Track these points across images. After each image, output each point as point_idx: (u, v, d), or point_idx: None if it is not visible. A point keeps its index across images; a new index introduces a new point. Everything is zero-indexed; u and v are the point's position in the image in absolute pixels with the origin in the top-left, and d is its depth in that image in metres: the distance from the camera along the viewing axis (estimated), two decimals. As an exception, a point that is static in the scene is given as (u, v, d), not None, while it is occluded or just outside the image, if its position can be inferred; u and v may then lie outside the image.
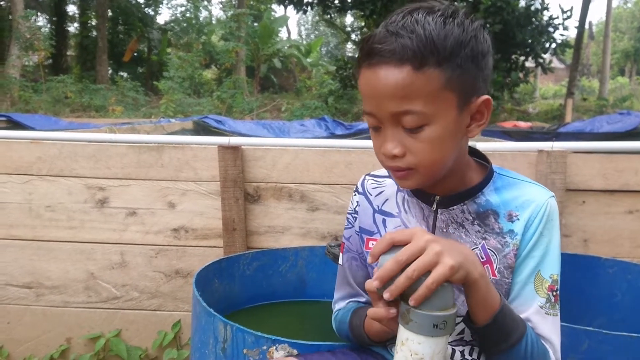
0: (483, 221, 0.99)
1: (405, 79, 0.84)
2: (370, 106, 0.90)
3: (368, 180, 1.15)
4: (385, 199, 1.10)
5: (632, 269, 1.86)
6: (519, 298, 0.97)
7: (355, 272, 1.18)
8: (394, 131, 0.89)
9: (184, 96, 13.22)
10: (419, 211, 1.04)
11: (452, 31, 0.85)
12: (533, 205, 0.97)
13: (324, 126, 5.38)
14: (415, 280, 0.77)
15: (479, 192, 1.00)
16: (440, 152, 0.90)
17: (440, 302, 0.78)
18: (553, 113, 15.01)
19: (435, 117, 0.87)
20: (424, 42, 0.84)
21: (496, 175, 1.02)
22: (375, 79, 0.87)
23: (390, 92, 0.85)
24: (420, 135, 0.88)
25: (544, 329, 0.95)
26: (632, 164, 2.04)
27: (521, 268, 0.97)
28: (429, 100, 0.86)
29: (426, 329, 0.77)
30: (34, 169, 2.13)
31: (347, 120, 10.91)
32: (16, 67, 13.86)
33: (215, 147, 2.09)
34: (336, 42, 36.18)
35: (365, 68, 0.89)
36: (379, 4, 11.72)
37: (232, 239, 2.10)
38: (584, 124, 5.79)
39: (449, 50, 0.85)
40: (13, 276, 2.19)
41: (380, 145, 0.92)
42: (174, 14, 28.01)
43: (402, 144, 0.89)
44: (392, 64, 0.85)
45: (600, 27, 33.72)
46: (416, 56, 0.84)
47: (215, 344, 1.30)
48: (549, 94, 25.94)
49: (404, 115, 0.87)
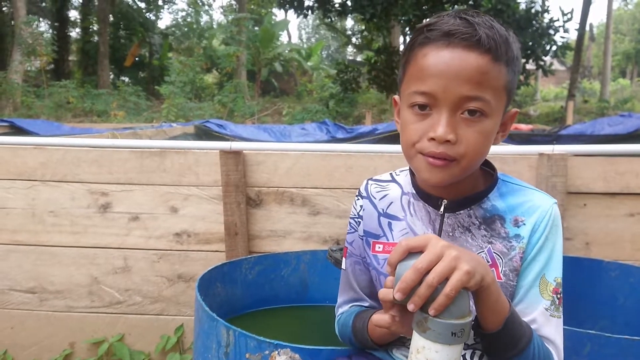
0: (489, 226, 1.00)
1: (486, 66, 0.87)
2: (435, 85, 0.87)
3: (371, 184, 1.15)
4: (390, 202, 1.10)
5: (634, 272, 1.86)
6: (525, 301, 0.98)
7: (358, 277, 1.18)
8: (451, 117, 0.88)
9: (185, 100, 13.26)
10: (425, 214, 1.04)
11: (515, 41, 0.92)
12: (539, 211, 0.99)
13: (325, 130, 5.38)
14: (435, 288, 0.77)
15: (485, 198, 1.01)
16: (485, 147, 0.92)
17: (458, 310, 0.77)
18: (554, 115, 15.02)
19: (494, 111, 0.90)
20: (503, 39, 0.88)
21: (500, 181, 1.04)
22: (452, 59, 0.87)
23: (469, 75, 0.86)
24: (477, 125, 0.89)
25: (549, 331, 0.96)
26: (633, 167, 2.04)
27: (527, 272, 0.98)
28: (495, 93, 0.89)
29: (444, 337, 0.76)
30: (38, 174, 2.14)
31: (348, 124, 10.94)
32: (18, 72, 13.93)
33: (217, 152, 2.09)
34: (337, 46, 36.28)
35: (439, 47, 0.88)
36: (379, 8, 11.72)
37: (234, 243, 2.11)
38: (585, 126, 5.77)
39: (514, 55, 0.91)
40: (17, 281, 2.20)
41: (426, 128, 0.90)
42: (175, 18, 28.05)
43: (455, 131, 0.88)
44: (475, 49, 0.86)
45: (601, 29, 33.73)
46: (497, 49, 0.87)
47: (218, 348, 1.30)
48: (550, 96, 25.93)
49: (472, 100, 0.87)
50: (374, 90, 16.67)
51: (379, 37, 17.63)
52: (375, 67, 15.04)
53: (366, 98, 17.52)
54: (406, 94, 0.94)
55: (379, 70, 15.02)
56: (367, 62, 15.70)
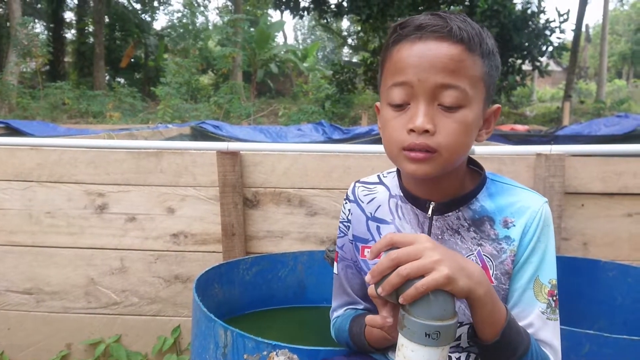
0: (478, 227, 0.98)
1: (460, 55, 0.87)
2: (410, 76, 0.88)
3: (358, 187, 1.13)
4: (378, 206, 1.08)
5: (631, 272, 1.87)
6: (520, 304, 0.96)
7: (351, 280, 1.17)
8: (428, 107, 0.88)
9: (181, 102, 13.24)
10: (414, 217, 1.03)
11: (490, 37, 0.92)
12: (529, 212, 0.97)
13: (321, 131, 5.38)
14: (406, 280, 0.77)
15: (473, 198, 0.99)
16: (466, 138, 0.90)
17: (436, 312, 0.76)
18: (550, 116, 15.06)
19: (472, 102, 0.89)
20: (475, 31, 0.89)
21: (489, 181, 1.02)
22: (426, 50, 0.87)
23: (443, 63, 0.86)
24: (455, 115, 0.88)
25: (546, 334, 0.95)
26: (630, 167, 2.04)
27: (519, 274, 0.96)
28: (472, 83, 0.88)
29: (418, 337, 0.76)
30: (34, 175, 2.14)
31: (344, 125, 10.95)
32: (14, 73, 13.88)
33: (214, 152, 2.09)
34: (332, 47, 36.26)
35: (412, 41, 0.89)
36: (375, 9, 11.74)
37: (231, 244, 2.11)
38: (582, 126, 5.80)
39: (490, 49, 0.92)
40: (13, 282, 2.19)
41: (404, 122, 0.90)
42: (170, 19, 28.02)
43: (433, 121, 0.88)
44: (447, 39, 0.87)
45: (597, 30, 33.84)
46: (470, 40, 0.88)
47: (215, 349, 1.30)
48: (546, 96, 26.00)
49: (448, 89, 0.87)
50: (370, 91, 16.69)
51: (375, 38, 17.64)
52: (371, 68, 15.06)
53: (362, 99, 17.53)
54: (384, 91, 0.94)
55: (375, 71, 15.02)
56: (363, 63, 15.72)
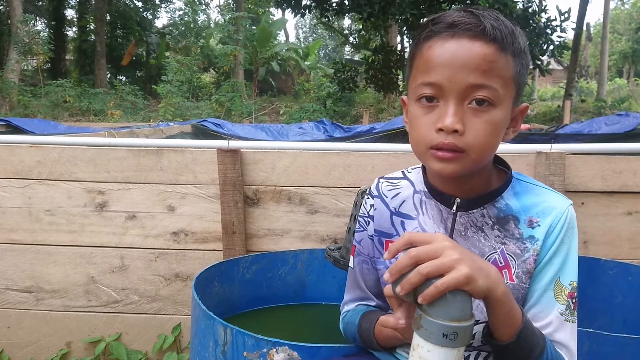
0: (503, 226, 0.98)
1: (493, 55, 0.86)
2: (441, 76, 0.87)
3: (383, 182, 1.13)
4: (402, 201, 1.08)
5: (632, 270, 1.86)
6: (539, 305, 0.95)
7: (366, 276, 1.17)
8: (458, 107, 0.87)
9: (182, 100, 13.26)
10: (437, 213, 1.02)
11: (522, 35, 0.91)
12: (554, 213, 0.96)
13: (323, 129, 5.38)
14: (426, 278, 0.76)
15: (498, 196, 0.99)
16: (494, 139, 0.90)
17: (454, 312, 0.75)
18: (551, 114, 15.04)
19: (502, 102, 0.89)
20: (509, 30, 0.88)
21: (514, 180, 1.02)
22: (459, 49, 0.86)
23: (476, 63, 0.85)
24: (485, 115, 0.87)
25: (563, 336, 0.94)
26: (630, 165, 2.04)
27: (541, 275, 0.96)
28: (503, 83, 0.88)
29: (436, 337, 0.75)
30: (34, 173, 2.13)
31: (346, 123, 10.93)
32: (15, 71, 13.90)
33: (214, 150, 2.09)
34: (334, 45, 36.26)
35: (444, 38, 0.88)
36: (376, 7, 11.72)
37: (231, 242, 2.10)
38: (583, 125, 5.78)
39: (522, 48, 0.90)
40: (13, 280, 2.19)
41: (433, 120, 0.89)
42: (172, 17, 28.06)
43: (463, 121, 0.87)
44: (480, 39, 0.86)
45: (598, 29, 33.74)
46: (503, 39, 0.87)
47: (215, 347, 1.30)
48: (547, 95, 25.98)
49: (480, 89, 0.86)
50: (372, 90, 16.68)
51: (377, 36, 17.63)
52: (373, 67, 15.05)
53: (363, 97, 17.53)
54: (413, 88, 0.93)
55: (376, 70, 15.04)
56: (364, 62, 15.72)
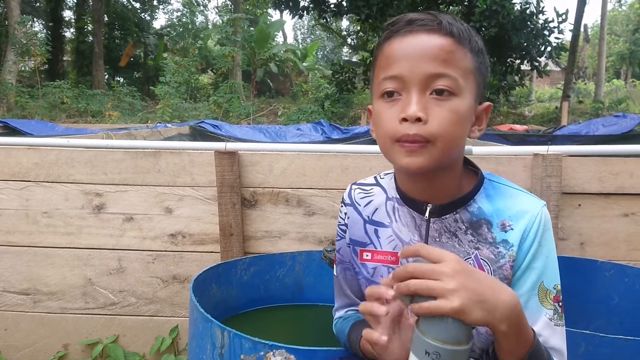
0: (476, 230, 0.97)
1: (450, 46, 0.89)
2: (402, 68, 0.89)
3: (355, 189, 1.13)
4: (375, 209, 1.08)
5: (628, 272, 1.87)
6: (525, 312, 0.92)
7: (350, 282, 1.17)
8: (420, 96, 0.88)
9: (180, 101, 13.24)
10: (411, 220, 1.02)
11: (478, 37, 0.95)
12: (528, 216, 0.95)
13: (321, 130, 5.39)
14: (413, 294, 0.76)
15: (470, 200, 0.98)
16: (459, 129, 0.89)
17: (443, 334, 0.74)
18: (549, 116, 15.05)
19: (463, 92, 0.89)
20: (464, 27, 0.92)
21: (487, 181, 1.01)
22: (416, 42, 0.89)
23: (435, 53, 0.88)
24: (447, 104, 0.88)
25: (555, 341, 0.94)
26: (627, 167, 2.04)
27: (522, 280, 0.95)
28: (463, 73, 0.89)
29: (419, 353, 0.75)
30: (31, 175, 2.13)
31: (344, 124, 10.94)
32: (12, 72, 13.86)
33: (211, 152, 2.09)
34: (332, 46, 36.27)
35: (403, 35, 0.91)
36: (374, 8, 11.71)
37: (229, 244, 2.10)
38: (580, 126, 5.80)
39: (479, 47, 0.93)
40: (10, 282, 2.19)
41: (397, 112, 0.89)
42: (170, 18, 28.01)
43: (426, 110, 0.87)
44: (437, 32, 0.89)
45: (596, 30, 33.84)
46: (460, 34, 0.90)
47: (212, 349, 1.30)
48: (545, 96, 25.98)
49: (440, 78, 0.87)
50: (370, 91, 16.66)
51: (374, 37, 17.62)
52: (371, 68, 15.02)
53: (362, 99, 17.52)
54: (376, 86, 0.95)
55: (375, 71, 14.98)
56: (362, 63, 15.70)
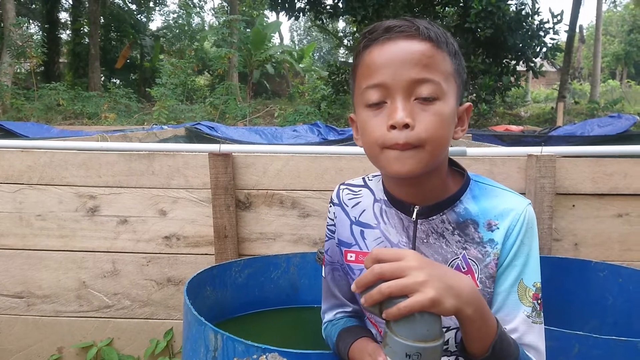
0: (463, 231, 0.98)
1: (430, 50, 0.89)
2: (384, 75, 0.89)
3: (343, 190, 1.13)
4: (363, 210, 1.08)
5: (622, 273, 1.87)
6: (504, 308, 0.95)
7: (338, 283, 1.18)
8: (405, 102, 0.88)
9: (176, 103, 13.23)
10: (398, 222, 1.02)
11: (454, 40, 0.95)
12: (512, 214, 0.96)
13: (317, 132, 5.39)
14: (387, 297, 0.74)
15: (457, 201, 0.99)
16: (445, 131, 0.90)
17: (419, 332, 0.73)
18: (545, 116, 15.10)
19: (446, 95, 0.90)
20: (441, 31, 0.92)
21: (472, 182, 1.02)
22: (396, 49, 0.89)
23: (416, 58, 0.88)
24: (432, 108, 0.88)
25: (531, 338, 0.94)
26: (620, 168, 2.05)
27: (503, 277, 0.96)
28: (444, 77, 0.90)
29: (399, 356, 0.73)
30: (25, 177, 2.13)
31: (340, 126, 10.94)
32: (8, 74, 13.82)
33: (206, 154, 2.09)
34: (329, 48, 36.30)
35: (382, 43, 0.91)
36: (370, 10, 11.74)
37: (223, 246, 2.10)
38: (576, 127, 5.82)
39: (455, 49, 0.94)
40: (4, 286, 2.18)
41: (384, 119, 0.89)
42: (166, 20, 28.00)
43: (412, 115, 0.87)
44: (415, 38, 0.89)
45: (591, 31, 33.92)
46: (437, 38, 0.90)
47: (206, 352, 1.29)
48: (541, 97, 26.06)
49: (423, 83, 0.88)
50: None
51: (371, 38, 17.60)
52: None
53: (358, 100, 17.49)
54: (359, 96, 0.94)
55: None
56: (358, 64, 15.68)
